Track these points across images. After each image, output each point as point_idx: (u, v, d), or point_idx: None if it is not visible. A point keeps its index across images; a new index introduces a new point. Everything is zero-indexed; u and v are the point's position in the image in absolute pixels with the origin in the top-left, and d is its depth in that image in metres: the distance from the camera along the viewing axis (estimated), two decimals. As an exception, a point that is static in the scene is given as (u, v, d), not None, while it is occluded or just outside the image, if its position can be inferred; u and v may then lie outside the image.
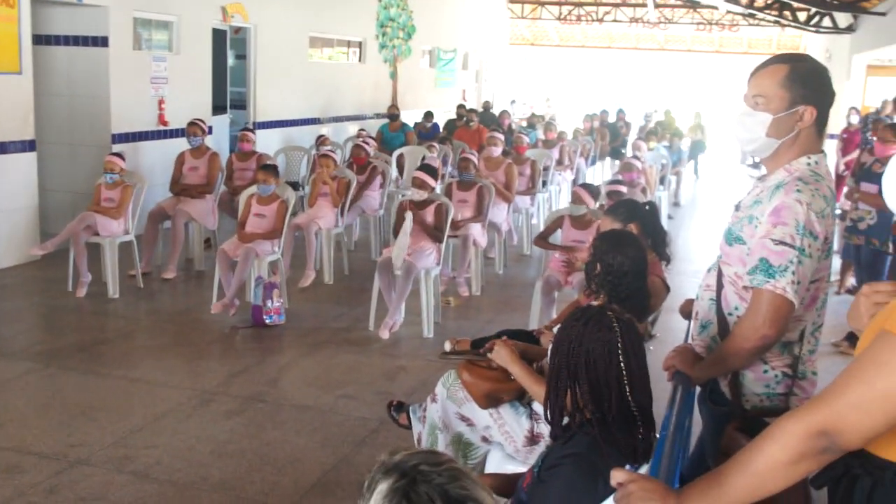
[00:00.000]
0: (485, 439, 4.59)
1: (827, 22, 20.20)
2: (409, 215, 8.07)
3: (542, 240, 8.58)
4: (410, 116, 18.87)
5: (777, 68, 3.21)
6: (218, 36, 14.04)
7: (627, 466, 2.93)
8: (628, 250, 4.45)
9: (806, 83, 3.18)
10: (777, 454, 2.04)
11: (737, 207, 3.40)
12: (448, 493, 1.68)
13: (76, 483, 5.14)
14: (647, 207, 5.93)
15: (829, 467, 2.05)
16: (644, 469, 2.90)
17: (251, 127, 13.39)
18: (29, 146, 10.29)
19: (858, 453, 2.04)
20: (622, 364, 2.91)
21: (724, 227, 3.40)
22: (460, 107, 20.10)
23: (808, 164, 3.20)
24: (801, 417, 2.03)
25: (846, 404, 1.96)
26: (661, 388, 3.31)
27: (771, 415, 3.03)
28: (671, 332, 6.66)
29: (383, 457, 1.77)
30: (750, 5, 20.30)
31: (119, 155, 9.45)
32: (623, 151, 18.92)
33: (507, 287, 10.37)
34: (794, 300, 3.04)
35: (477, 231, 9.76)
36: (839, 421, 1.96)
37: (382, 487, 1.70)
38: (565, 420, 3.00)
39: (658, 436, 2.98)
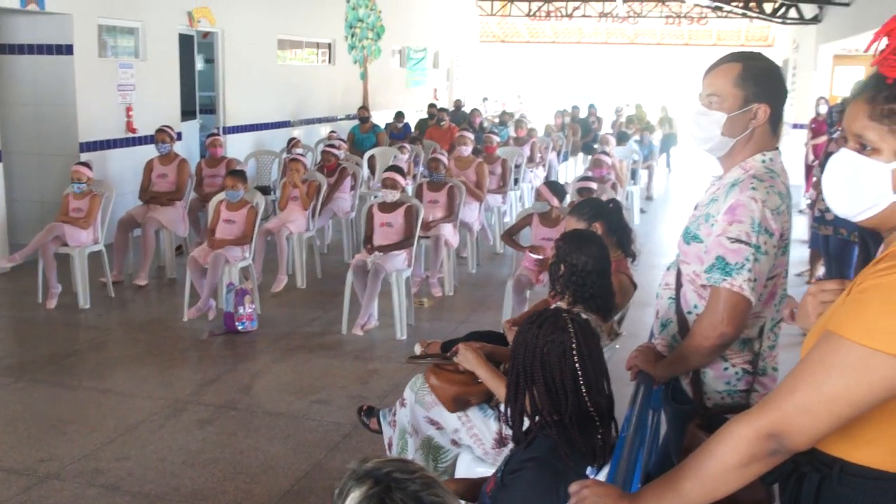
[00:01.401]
0: (454, 442, 4.60)
1: (793, 13, 20.34)
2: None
3: (509, 237, 8.58)
4: (382, 117, 18.90)
5: (730, 67, 3.23)
6: (186, 41, 13.98)
7: (589, 468, 2.95)
8: (591, 250, 4.47)
9: (759, 81, 3.19)
10: (728, 457, 2.06)
11: (696, 206, 3.42)
12: (422, 500, 1.69)
13: (46, 498, 5.12)
14: (611, 205, 5.95)
15: (779, 465, 2.07)
16: (606, 470, 2.92)
17: (219, 132, 13.35)
18: (-5, 157, 10.24)
19: (807, 450, 2.06)
20: (577, 365, 2.92)
21: (683, 227, 3.42)
22: (431, 106, 20.13)
23: (764, 161, 3.22)
24: (750, 421, 2.05)
25: (793, 407, 1.98)
26: (629, 388, 3.32)
27: (732, 411, 3.04)
28: (644, 327, 6.68)
29: (353, 465, 1.78)
30: (717, -2, 20.40)
31: (86, 164, 9.41)
32: (595, 147, 18.97)
33: (481, 286, 10.38)
34: (751, 297, 3.06)
35: (448, 231, 9.76)
36: (787, 424, 1.99)
37: (356, 495, 1.70)
38: (526, 423, 3.02)
39: (618, 436, 3.00)
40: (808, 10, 19.79)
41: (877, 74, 2.09)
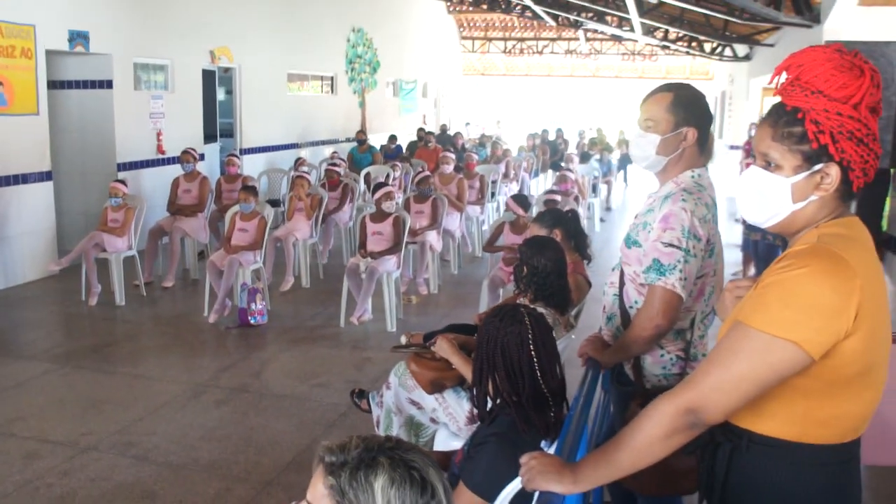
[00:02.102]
0: (433, 420, 4.61)
1: (728, 52, 20.40)
2: None
3: (490, 245, 8.61)
4: (378, 139, 18.96)
5: (663, 96, 3.26)
6: (208, 75, 13.98)
7: (543, 442, 2.97)
8: (549, 253, 4.49)
9: (688, 108, 3.22)
10: (653, 430, 2.09)
11: (636, 216, 3.44)
12: (416, 463, 1.67)
13: (86, 466, 5.13)
14: (569, 215, 5.96)
15: (698, 437, 2.10)
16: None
17: (237, 153, 13.34)
18: (46, 176, 10.23)
19: (721, 424, 2.09)
20: (532, 353, 2.94)
21: (624, 233, 3.44)
22: (420, 130, 20.14)
23: (693, 176, 3.25)
24: (671, 399, 2.08)
25: (708, 386, 2.01)
26: (579, 372, 3.34)
27: (668, 392, 3.06)
28: (598, 320, 6.68)
29: (333, 457, 1.66)
30: (664, 38, 20.45)
31: (122, 181, 9.42)
32: (563, 165, 19.00)
33: (461, 285, 10.38)
34: (682, 294, 3.09)
35: (433, 238, 9.78)
36: (703, 400, 2.02)
37: (382, 479, 1.62)
38: (489, 404, 3.03)
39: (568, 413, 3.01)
40: (741, 50, 19.89)
41: (779, 103, 2.13)
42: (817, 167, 2.05)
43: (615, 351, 3.38)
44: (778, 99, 2.16)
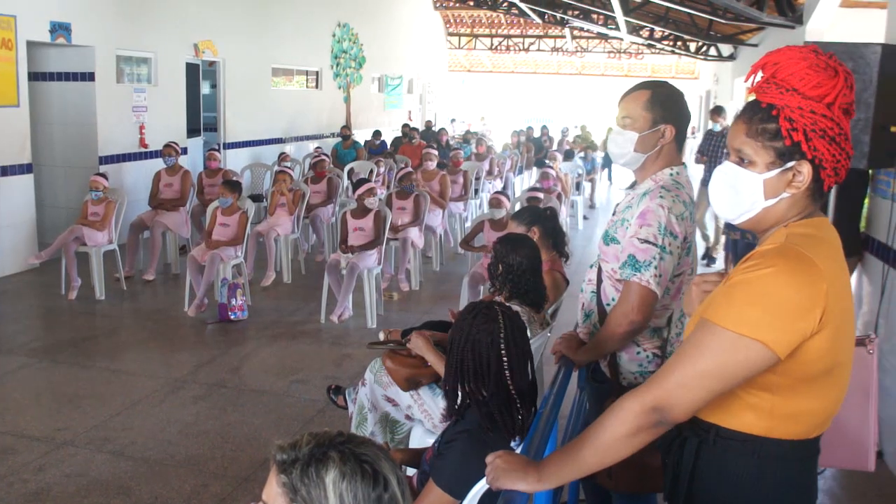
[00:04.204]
0: (408, 417, 4.62)
1: (713, 52, 20.46)
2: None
3: (466, 243, 8.64)
4: (363, 135, 18.94)
5: (640, 93, 3.28)
6: (192, 69, 13.93)
7: (514, 441, 2.98)
8: (524, 251, 4.50)
9: (665, 106, 3.24)
10: (618, 428, 2.09)
11: (613, 212, 3.46)
12: (367, 456, 1.67)
13: (62, 462, 5.12)
14: (547, 213, 5.96)
15: (665, 432, 2.12)
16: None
17: (217, 147, 13.32)
18: (27, 169, 10.19)
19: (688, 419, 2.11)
20: (503, 351, 2.95)
21: (603, 231, 3.46)
22: (404, 126, 20.12)
23: (671, 174, 3.26)
24: (637, 397, 2.08)
25: (673, 384, 2.03)
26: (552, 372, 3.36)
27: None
28: (575, 318, 6.70)
29: (285, 455, 1.66)
30: (650, 38, 20.50)
31: (103, 175, 9.38)
32: (547, 162, 19.08)
33: (443, 282, 10.40)
34: (656, 290, 3.11)
35: (415, 234, 9.79)
36: (668, 398, 2.03)
37: (333, 473, 1.62)
38: (459, 401, 3.05)
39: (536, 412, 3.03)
40: (726, 50, 19.95)
41: (754, 100, 2.16)
42: (790, 164, 2.08)
43: (590, 348, 3.40)
44: (753, 96, 2.18)
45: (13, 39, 9.80)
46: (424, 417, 4.47)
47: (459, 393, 3.02)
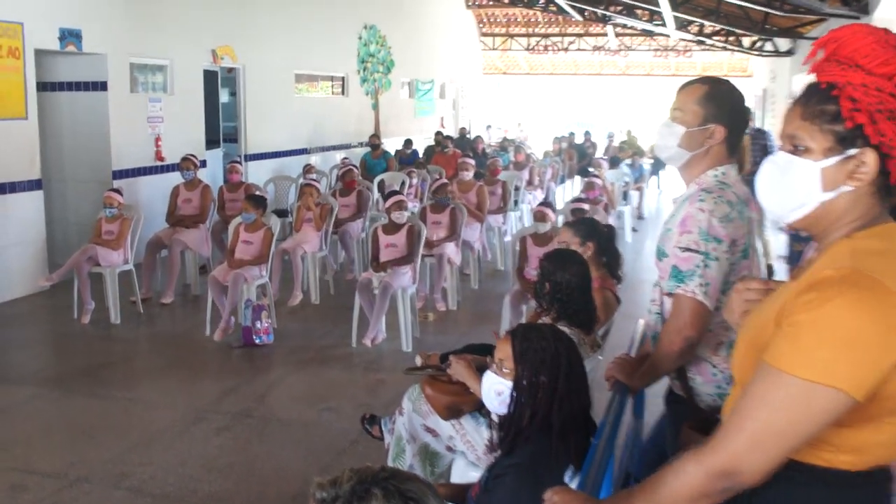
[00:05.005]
0: (449, 449, 4.58)
1: (769, 46, 20.34)
2: None
3: (521, 275, 8.26)
4: (393, 144, 19.01)
5: (697, 87, 3.27)
6: (211, 76, 14.04)
7: (567, 475, 2.93)
8: (573, 268, 4.47)
9: (720, 104, 3.23)
10: (679, 490, 2.00)
11: (664, 224, 3.42)
12: (412, 493, 1.66)
13: (76, 500, 5.11)
14: (606, 230, 5.88)
15: None
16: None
17: (239, 159, 13.38)
18: (36, 185, 10.29)
19: None
20: (564, 376, 2.92)
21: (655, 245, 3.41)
22: (438, 133, 20.10)
23: (716, 175, 3.24)
24: (700, 462, 1.98)
25: (742, 445, 1.92)
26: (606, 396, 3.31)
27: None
28: (627, 339, 6.61)
29: (324, 493, 1.67)
30: (699, 33, 20.43)
31: (117, 190, 9.44)
32: (591, 170, 19.03)
33: (482, 301, 10.34)
34: (704, 301, 3.05)
35: (451, 250, 9.75)
36: (738, 462, 1.92)
37: None
38: (517, 430, 3.00)
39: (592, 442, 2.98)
40: (783, 45, 19.80)
41: (811, 82, 2.05)
42: (851, 152, 1.95)
43: (645, 373, 3.35)
44: (811, 79, 2.08)
45: (20, 48, 9.90)
46: (467, 449, 4.43)
47: (519, 420, 2.98)
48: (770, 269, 11.56)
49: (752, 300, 2.21)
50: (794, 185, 2.02)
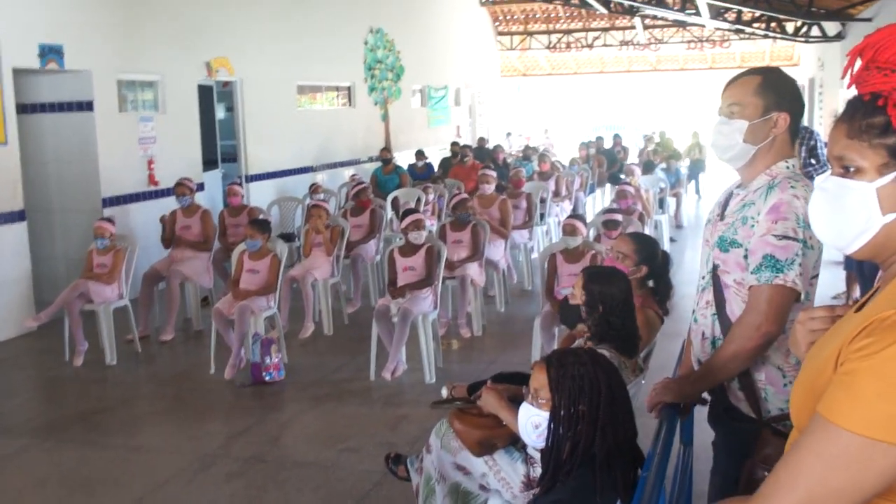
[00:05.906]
0: (483, 487, 4.56)
1: (816, 31, 20.28)
2: None
3: (551, 294, 8.27)
4: (406, 157, 19.01)
5: (750, 79, 3.36)
6: (205, 91, 14.13)
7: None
8: (616, 286, 4.48)
9: (778, 91, 3.32)
10: None
11: (721, 217, 3.47)
12: None
13: (76, 559, 5.13)
14: (663, 257, 5.86)
15: None
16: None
17: (239, 181, 13.43)
18: (18, 216, 10.34)
19: None
20: (604, 404, 2.92)
21: (714, 239, 3.44)
22: (454, 144, 20.05)
23: (787, 167, 3.31)
24: None
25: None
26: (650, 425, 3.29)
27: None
28: (671, 361, 6.59)
29: None
30: (737, 21, 20.40)
31: (109, 219, 9.49)
32: (622, 177, 18.99)
33: (510, 324, 10.34)
34: (801, 290, 3.14)
35: (474, 271, 9.74)
36: None
37: None
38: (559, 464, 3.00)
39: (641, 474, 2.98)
40: (831, 28, 19.74)
41: (854, 97, 2.01)
42: None
43: (700, 378, 3.38)
44: (853, 93, 2.01)
45: (-3, 67, 9.95)
46: (502, 486, 4.41)
47: (559, 453, 2.98)
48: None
49: (817, 330, 2.16)
50: (850, 212, 1.94)
